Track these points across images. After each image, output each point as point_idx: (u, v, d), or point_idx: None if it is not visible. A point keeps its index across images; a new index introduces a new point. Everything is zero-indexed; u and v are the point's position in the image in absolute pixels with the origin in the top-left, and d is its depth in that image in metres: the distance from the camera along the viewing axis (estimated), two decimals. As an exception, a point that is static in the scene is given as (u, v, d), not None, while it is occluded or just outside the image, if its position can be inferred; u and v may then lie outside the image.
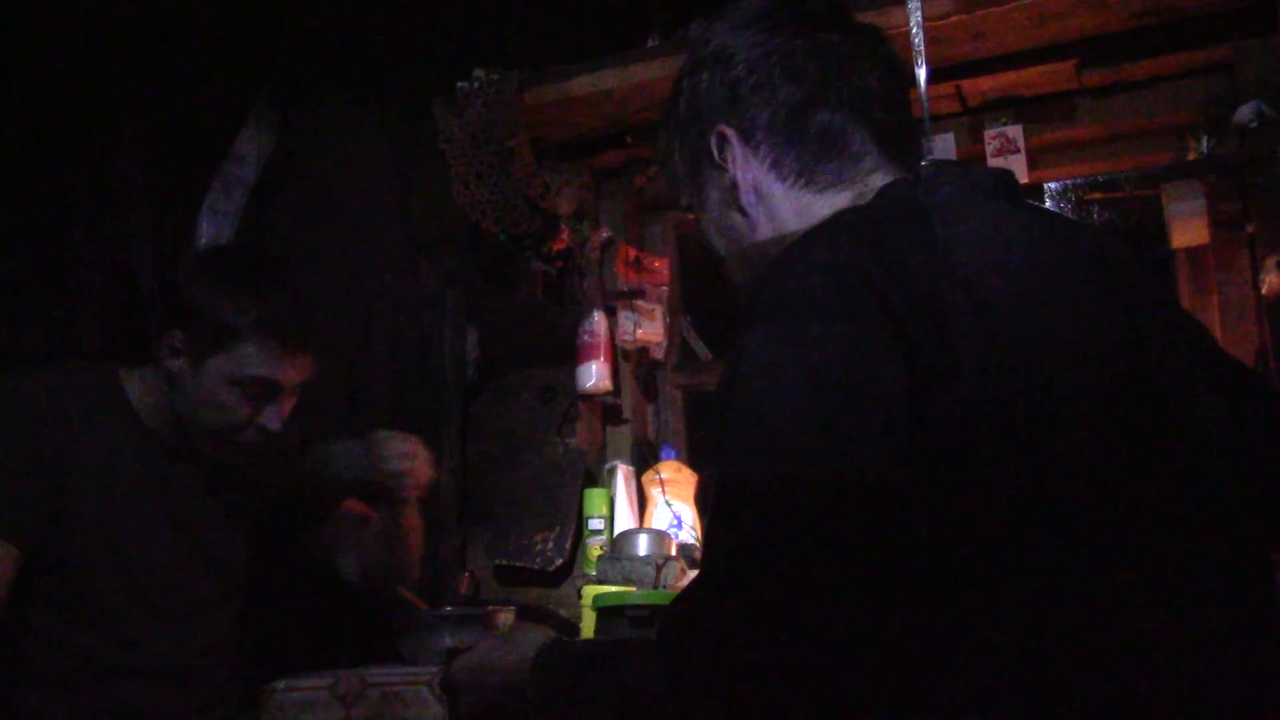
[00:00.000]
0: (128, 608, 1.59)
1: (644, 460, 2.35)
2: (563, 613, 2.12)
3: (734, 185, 1.00)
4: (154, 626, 1.60)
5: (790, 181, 0.98)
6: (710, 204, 1.04)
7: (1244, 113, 1.82)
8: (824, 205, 0.96)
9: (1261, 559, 0.85)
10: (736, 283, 1.08)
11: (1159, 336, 0.86)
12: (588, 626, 1.74)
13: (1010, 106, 2.11)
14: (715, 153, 1.01)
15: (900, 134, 1.00)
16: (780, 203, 0.98)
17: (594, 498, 2.24)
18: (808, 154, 0.97)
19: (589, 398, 2.31)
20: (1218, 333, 2.01)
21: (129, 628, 1.58)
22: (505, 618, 1.54)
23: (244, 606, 1.75)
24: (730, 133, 1.00)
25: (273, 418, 1.58)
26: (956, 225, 0.82)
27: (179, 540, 1.65)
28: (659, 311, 2.35)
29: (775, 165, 0.98)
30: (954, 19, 1.87)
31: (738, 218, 1.01)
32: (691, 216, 1.10)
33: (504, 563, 2.27)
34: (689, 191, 1.07)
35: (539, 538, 2.25)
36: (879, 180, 0.96)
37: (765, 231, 1.00)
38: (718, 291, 2.55)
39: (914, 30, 1.74)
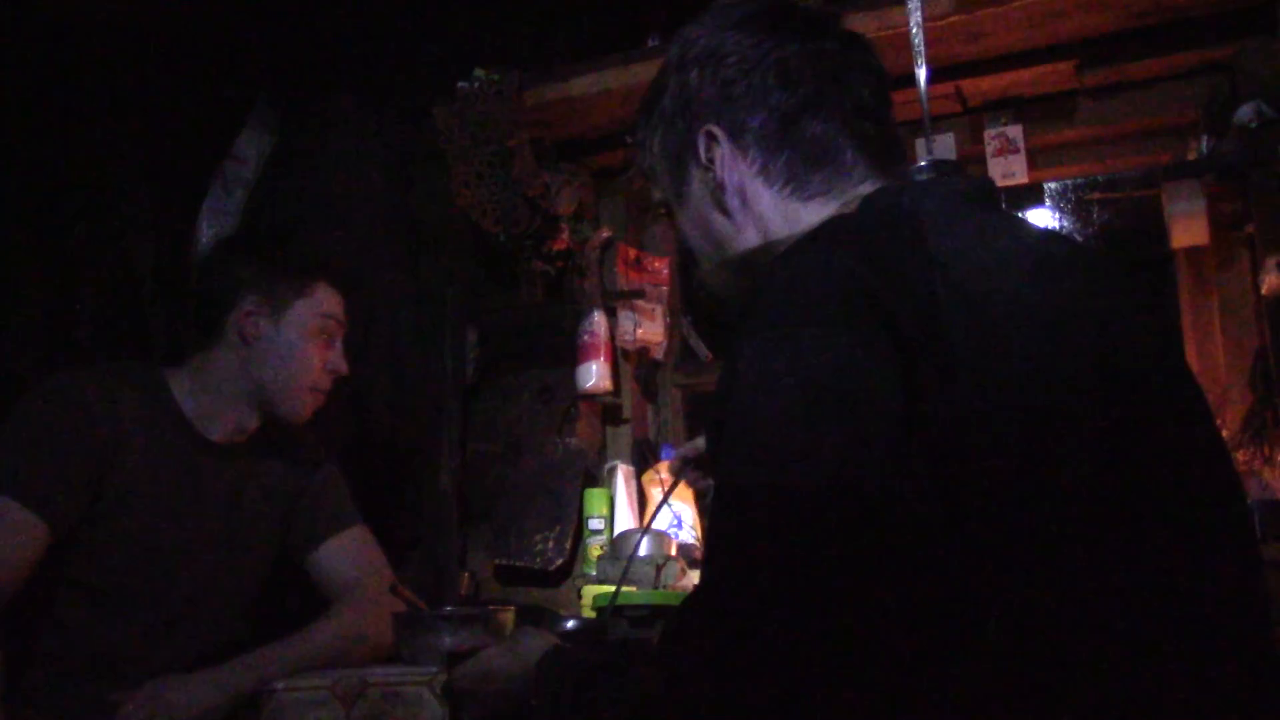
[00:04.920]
0: (155, 602, 1.61)
1: (644, 460, 2.35)
2: (563, 613, 2.12)
3: (719, 186, 0.99)
4: (174, 622, 1.62)
5: (778, 188, 0.97)
6: (691, 202, 1.03)
7: (1244, 113, 1.81)
8: (811, 214, 0.96)
9: (1256, 558, 0.85)
10: (710, 284, 1.08)
11: (1146, 339, 0.87)
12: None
13: (1010, 106, 2.11)
14: (702, 152, 1.00)
15: (888, 146, 0.99)
16: (766, 208, 0.98)
17: (594, 498, 2.24)
18: (797, 162, 0.97)
19: (589, 398, 2.31)
20: (1218, 333, 2.01)
21: (152, 622, 1.60)
22: (506, 618, 1.54)
23: (253, 611, 1.77)
24: (720, 133, 0.99)
25: (339, 360, 1.73)
26: (946, 232, 0.82)
27: (208, 541, 1.68)
28: (659, 311, 2.35)
29: (763, 170, 0.98)
30: (954, 19, 1.87)
31: (720, 219, 1.01)
32: (665, 211, 1.09)
33: (504, 563, 2.27)
34: (667, 187, 1.06)
35: (539, 538, 2.25)
36: (865, 190, 0.96)
37: (749, 236, 0.99)
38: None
39: (914, 30, 1.74)
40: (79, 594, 1.58)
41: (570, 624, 1.77)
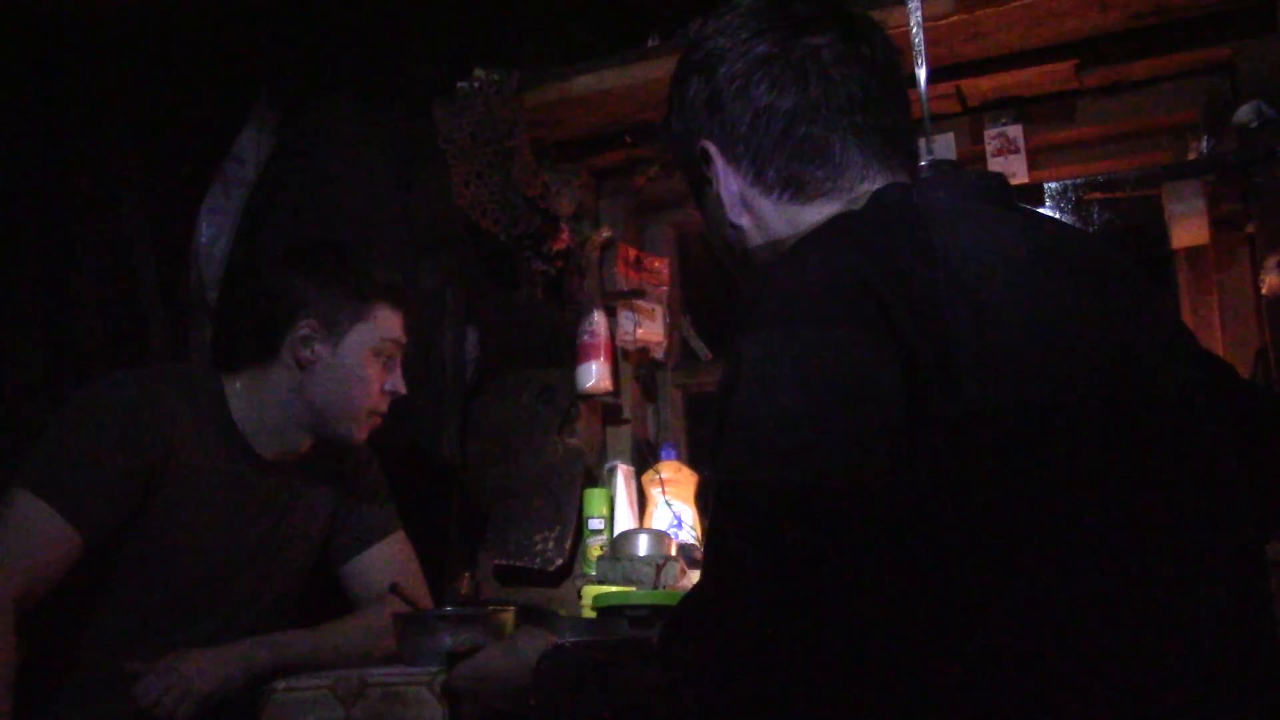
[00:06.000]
0: (195, 616, 1.60)
1: (644, 460, 2.35)
2: (563, 613, 2.12)
3: (719, 200, 0.99)
4: (213, 637, 1.60)
5: (776, 194, 0.97)
6: (707, 214, 1.04)
7: (1244, 113, 1.81)
8: (813, 215, 0.94)
9: (1258, 560, 0.85)
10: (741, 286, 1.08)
11: (1154, 339, 0.86)
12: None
13: (1010, 106, 2.10)
14: (702, 167, 1.00)
15: (890, 137, 0.97)
16: (768, 215, 0.97)
17: (594, 498, 2.24)
18: (792, 166, 0.95)
19: (589, 398, 2.31)
20: (1218, 332, 2.01)
21: (191, 635, 1.58)
22: (506, 618, 1.54)
23: (288, 621, 1.76)
24: (712, 148, 0.98)
25: (399, 381, 1.70)
26: (952, 230, 0.82)
27: (252, 558, 1.67)
28: (659, 311, 2.35)
29: (759, 180, 0.97)
30: (954, 19, 1.87)
31: (729, 230, 1.01)
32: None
33: (504, 563, 2.27)
34: (693, 198, 1.07)
35: (539, 538, 2.25)
36: (869, 187, 0.94)
37: (757, 243, 0.99)
38: (718, 291, 2.55)
39: (914, 30, 1.74)
40: (119, 606, 1.56)
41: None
